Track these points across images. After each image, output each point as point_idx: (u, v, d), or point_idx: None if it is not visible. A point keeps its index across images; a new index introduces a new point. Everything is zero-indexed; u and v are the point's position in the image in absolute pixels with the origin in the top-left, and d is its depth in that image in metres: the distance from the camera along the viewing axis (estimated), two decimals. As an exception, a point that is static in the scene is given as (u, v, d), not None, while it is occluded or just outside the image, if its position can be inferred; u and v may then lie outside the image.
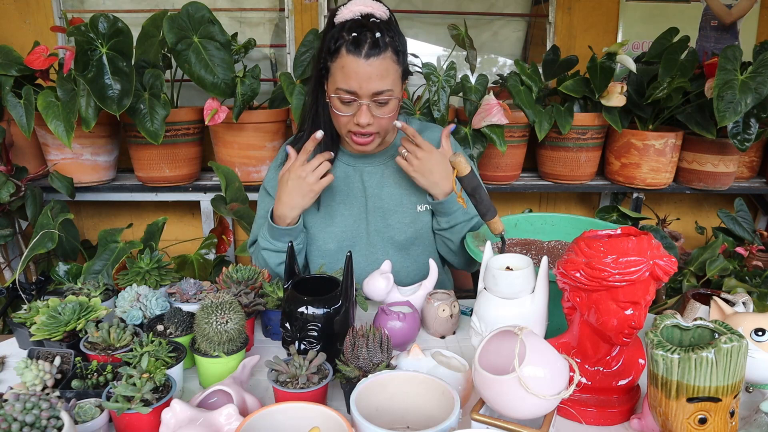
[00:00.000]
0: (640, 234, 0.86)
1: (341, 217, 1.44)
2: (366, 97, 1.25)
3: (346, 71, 1.23)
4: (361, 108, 1.26)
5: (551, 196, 2.86)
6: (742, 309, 1.10)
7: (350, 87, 1.24)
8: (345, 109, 1.28)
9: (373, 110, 1.27)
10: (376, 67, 1.23)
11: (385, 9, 1.28)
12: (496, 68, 2.83)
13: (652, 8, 2.66)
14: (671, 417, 0.79)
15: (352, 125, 1.29)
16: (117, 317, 1.12)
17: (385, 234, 1.44)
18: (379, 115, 1.28)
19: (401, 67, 1.29)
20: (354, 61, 1.22)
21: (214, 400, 0.91)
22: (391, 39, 1.25)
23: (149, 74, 1.98)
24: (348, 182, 1.44)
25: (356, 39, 1.21)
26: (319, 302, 1.02)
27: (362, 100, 1.25)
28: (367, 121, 1.27)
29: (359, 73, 1.22)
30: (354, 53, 1.22)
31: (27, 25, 2.41)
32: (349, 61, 1.22)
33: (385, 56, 1.23)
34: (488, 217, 1.22)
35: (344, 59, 1.23)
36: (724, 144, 2.32)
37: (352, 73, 1.23)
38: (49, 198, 2.15)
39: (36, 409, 0.76)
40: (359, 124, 1.27)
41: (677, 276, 2.12)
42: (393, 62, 1.25)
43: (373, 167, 1.44)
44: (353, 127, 1.29)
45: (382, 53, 1.23)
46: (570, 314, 0.96)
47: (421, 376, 0.86)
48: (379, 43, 1.22)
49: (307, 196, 1.31)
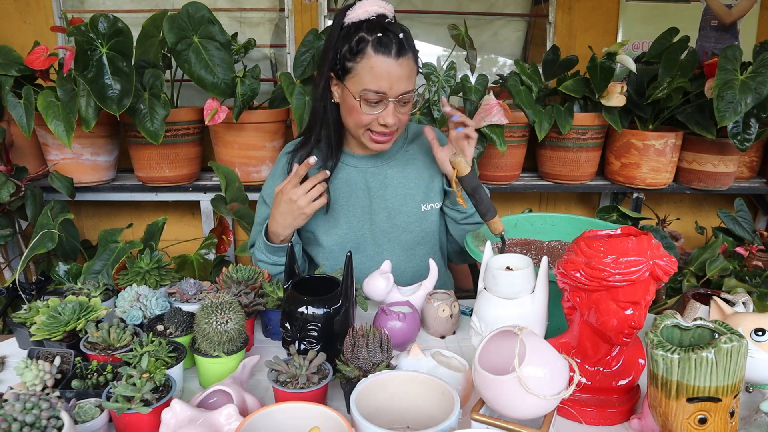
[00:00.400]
0: (640, 234, 0.86)
1: (345, 218, 1.44)
2: (394, 97, 1.26)
3: (377, 72, 1.23)
4: (388, 107, 1.27)
5: (551, 196, 2.86)
6: (742, 309, 1.10)
7: (380, 88, 1.24)
8: (370, 109, 1.28)
9: (398, 109, 1.29)
10: (405, 67, 1.25)
11: (391, 8, 1.30)
12: (496, 68, 2.83)
13: (652, 8, 2.66)
14: (671, 417, 0.79)
15: (375, 125, 1.30)
16: (117, 317, 1.12)
17: (390, 234, 1.45)
18: (402, 113, 1.31)
19: (417, 68, 1.32)
20: (385, 62, 1.23)
21: (214, 400, 0.91)
22: (411, 41, 1.28)
23: (149, 74, 1.98)
24: (351, 184, 1.44)
25: (382, 40, 1.22)
26: (319, 302, 1.02)
27: (390, 100, 1.26)
28: (395, 121, 1.29)
29: (391, 73, 1.23)
30: (384, 54, 1.22)
31: (27, 25, 2.41)
32: (379, 62, 1.23)
33: (409, 57, 1.26)
34: (488, 217, 1.22)
35: (373, 60, 1.23)
36: (724, 144, 2.32)
37: (384, 73, 1.23)
38: (49, 198, 2.15)
39: (36, 409, 0.76)
40: (387, 124, 1.28)
41: (677, 276, 2.12)
42: (414, 63, 1.29)
43: (376, 168, 1.44)
44: (377, 127, 1.30)
45: (408, 53, 1.25)
46: (570, 314, 0.96)
47: (421, 376, 0.86)
48: (404, 44, 1.24)
49: (299, 218, 1.31)
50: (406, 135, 1.51)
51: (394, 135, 1.34)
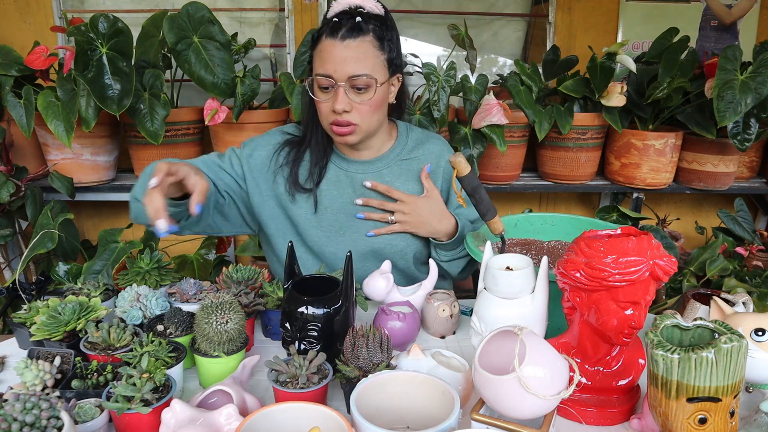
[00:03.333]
0: (640, 234, 0.86)
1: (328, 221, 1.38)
2: (342, 80, 1.22)
3: (324, 55, 1.23)
4: (338, 92, 1.23)
5: (551, 196, 2.86)
6: (742, 309, 1.10)
7: (326, 71, 1.22)
8: (323, 95, 1.26)
9: (351, 96, 1.24)
10: (353, 49, 1.21)
11: (378, 5, 1.28)
12: (496, 68, 2.83)
13: (652, 8, 2.66)
14: (671, 417, 0.79)
15: (331, 115, 1.27)
16: (117, 317, 1.12)
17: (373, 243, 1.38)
18: (358, 101, 1.24)
19: (385, 55, 1.26)
20: (330, 44, 1.22)
21: (214, 400, 0.91)
22: (376, 26, 1.24)
23: (149, 74, 1.98)
24: (339, 186, 1.39)
25: (336, 24, 1.22)
26: (319, 302, 1.02)
27: (339, 84, 1.23)
28: (343, 107, 1.23)
29: (334, 55, 1.21)
30: (331, 36, 1.22)
31: (27, 25, 2.41)
32: (326, 45, 1.22)
33: (363, 39, 1.22)
34: (488, 217, 1.22)
35: (323, 44, 1.23)
36: (724, 144, 2.32)
37: (328, 55, 1.22)
38: (49, 198, 2.15)
39: (36, 409, 0.76)
40: (336, 110, 1.24)
41: (677, 276, 2.12)
42: (373, 47, 1.23)
43: (366, 175, 1.39)
44: (332, 116, 1.26)
45: (360, 36, 1.22)
46: (570, 314, 0.96)
47: (421, 376, 0.86)
48: (359, 26, 1.21)
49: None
50: (405, 141, 1.43)
51: (355, 128, 1.27)
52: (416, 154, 1.42)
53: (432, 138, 1.46)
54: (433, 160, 1.42)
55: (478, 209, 1.23)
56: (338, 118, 1.26)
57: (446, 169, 1.43)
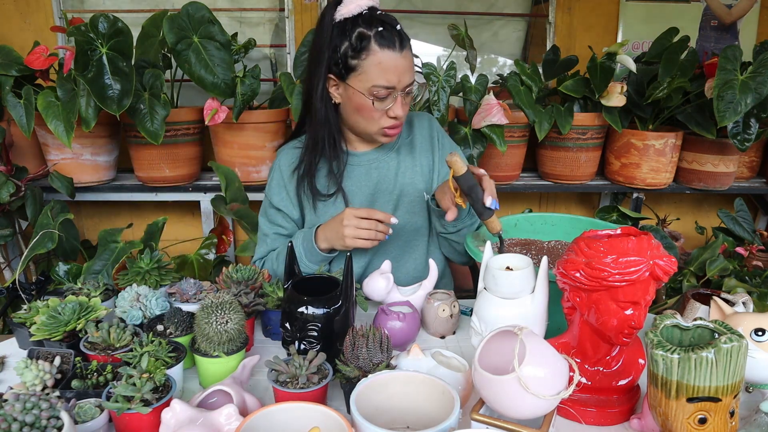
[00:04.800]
0: (640, 234, 0.86)
1: None
2: (402, 89, 1.27)
3: (385, 66, 1.23)
4: (397, 100, 1.28)
5: (551, 196, 2.86)
6: (742, 309, 1.10)
7: (389, 82, 1.24)
8: (380, 104, 1.28)
9: (404, 100, 1.30)
10: (409, 59, 1.27)
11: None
12: (496, 68, 2.83)
13: (652, 8, 2.66)
14: (671, 417, 0.79)
15: (384, 119, 1.30)
16: (117, 317, 1.12)
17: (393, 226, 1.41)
18: (407, 103, 1.31)
19: None
20: (391, 56, 1.23)
21: (214, 400, 0.91)
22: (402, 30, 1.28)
23: (149, 74, 1.98)
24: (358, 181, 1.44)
25: (384, 34, 1.22)
26: (319, 302, 1.02)
27: (398, 93, 1.27)
28: (404, 113, 1.30)
29: (398, 66, 1.24)
30: (389, 48, 1.23)
31: (27, 25, 2.41)
32: (386, 57, 1.23)
33: (409, 47, 1.27)
34: (485, 216, 1.22)
35: (379, 55, 1.23)
36: (724, 144, 2.32)
37: (392, 67, 1.23)
38: (49, 198, 2.15)
39: (36, 409, 0.76)
40: (397, 116, 1.29)
41: (677, 276, 2.12)
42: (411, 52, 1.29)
43: (381, 162, 1.45)
44: (386, 121, 1.30)
45: (408, 44, 1.26)
46: (570, 314, 0.96)
47: (421, 376, 0.86)
48: (403, 35, 1.25)
49: (337, 241, 1.29)
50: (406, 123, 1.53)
51: (402, 125, 1.36)
52: (416, 130, 1.51)
53: (416, 116, 1.53)
54: (425, 134, 1.50)
55: (474, 208, 1.22)
56: (394, 122, 1.31)
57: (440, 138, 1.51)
